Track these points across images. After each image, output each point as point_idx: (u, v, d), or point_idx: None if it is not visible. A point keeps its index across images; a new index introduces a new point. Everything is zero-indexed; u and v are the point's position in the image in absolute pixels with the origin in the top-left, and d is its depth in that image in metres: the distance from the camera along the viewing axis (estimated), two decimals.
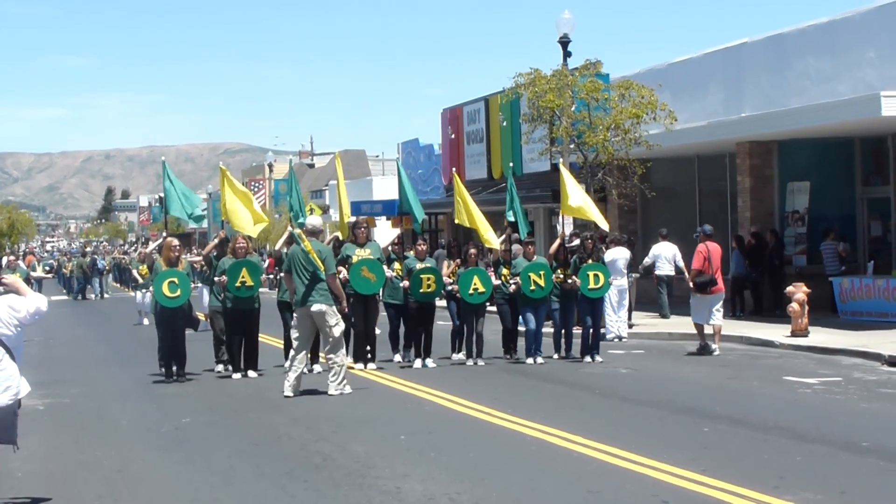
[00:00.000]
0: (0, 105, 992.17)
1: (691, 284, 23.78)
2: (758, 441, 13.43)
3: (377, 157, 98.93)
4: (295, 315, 18.79)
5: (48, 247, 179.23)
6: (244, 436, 14.79)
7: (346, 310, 19.48)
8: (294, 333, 18.60)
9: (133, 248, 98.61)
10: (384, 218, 59.59)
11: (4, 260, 39.31)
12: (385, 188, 61.50)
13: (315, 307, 18.27)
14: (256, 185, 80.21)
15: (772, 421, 14.72)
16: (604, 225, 24.19)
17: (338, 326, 18.32)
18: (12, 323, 9.97)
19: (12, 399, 9.96)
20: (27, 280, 37.52)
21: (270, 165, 79.84)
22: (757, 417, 15.05)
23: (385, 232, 53.29)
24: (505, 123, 44.58)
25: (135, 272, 40.12)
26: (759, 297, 31.09)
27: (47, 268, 58.63)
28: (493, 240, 23.65)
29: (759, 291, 31.13)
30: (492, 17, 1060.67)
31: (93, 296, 60.98)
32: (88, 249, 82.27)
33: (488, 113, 47.05)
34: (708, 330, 23.68)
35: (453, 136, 51.00)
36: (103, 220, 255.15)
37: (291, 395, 18.07)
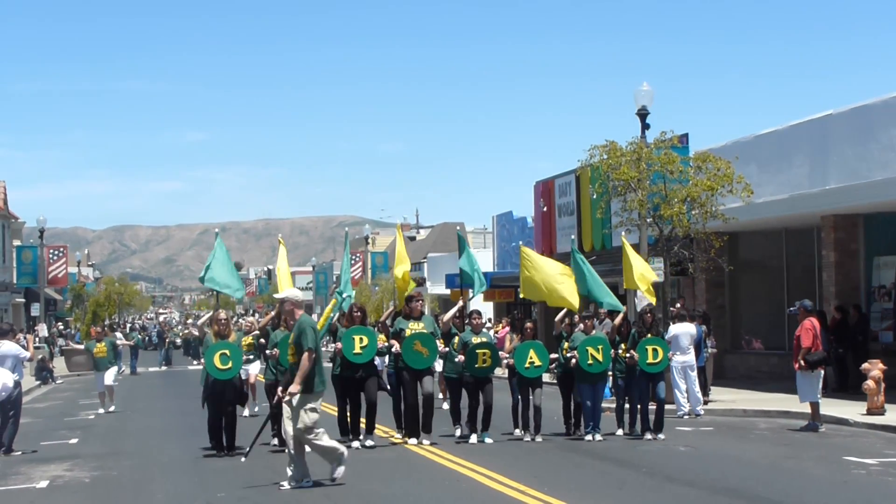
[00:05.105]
0: (120, 180, 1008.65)
1: (802, 363, 22.91)
2: None
3: (484, 228, 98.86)
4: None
5: (161, 318, 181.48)
6: None
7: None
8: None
9: (236, 320, 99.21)
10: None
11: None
12: (483, 261, 61.20)
13: None
14: (355, 257, 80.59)
15: (809, 503, 14.16)
16: (650, 298, 23.74)
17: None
18: None
19: None
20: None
21: (367, 238, 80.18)
22: (795, 499, 14.52)
23: (479, 305, 52.82)
24: (595, 196, 44.11)
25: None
26: (845, 374, 30.22)
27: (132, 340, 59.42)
28: (569, 298, 22.72)
29: (843, 368, 30.27)
30: (592, 89, 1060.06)
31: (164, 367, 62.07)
32: (189, 321, 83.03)
33: (579, 185, 46.60)
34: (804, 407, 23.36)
35: (545, 208, 50.66)
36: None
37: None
